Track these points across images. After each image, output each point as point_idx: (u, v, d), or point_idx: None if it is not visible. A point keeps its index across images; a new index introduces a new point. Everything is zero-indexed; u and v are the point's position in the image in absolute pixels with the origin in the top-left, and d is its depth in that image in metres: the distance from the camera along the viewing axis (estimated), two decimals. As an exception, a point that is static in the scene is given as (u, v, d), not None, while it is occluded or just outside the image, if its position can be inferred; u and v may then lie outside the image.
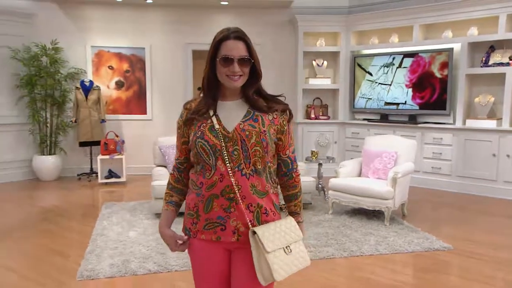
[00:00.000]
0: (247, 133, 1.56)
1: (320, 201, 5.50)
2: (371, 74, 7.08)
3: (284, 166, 1.70)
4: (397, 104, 6.80)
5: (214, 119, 1.58)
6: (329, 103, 7.60)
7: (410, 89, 6.63)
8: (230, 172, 1.54)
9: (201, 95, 1.66)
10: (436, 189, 6.28)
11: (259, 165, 1.58)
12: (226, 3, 7.01)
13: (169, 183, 1.75)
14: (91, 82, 6.83)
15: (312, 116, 7.41)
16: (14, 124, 6.80)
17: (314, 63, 7.43)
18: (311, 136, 7.14)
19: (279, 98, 1.69)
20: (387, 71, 6.87)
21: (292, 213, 1.74)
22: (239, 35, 1.56)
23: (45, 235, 4.34)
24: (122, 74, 7.28)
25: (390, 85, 6.85)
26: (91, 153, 7.01)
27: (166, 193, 1.74)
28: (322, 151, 5.74)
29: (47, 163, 6.86)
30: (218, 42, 1.56)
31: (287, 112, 1.67)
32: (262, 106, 1.62)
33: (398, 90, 6.76)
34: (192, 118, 1.61)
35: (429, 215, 5.08)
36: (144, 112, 7.36)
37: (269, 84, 7.40)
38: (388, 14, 6.72)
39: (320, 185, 5.70)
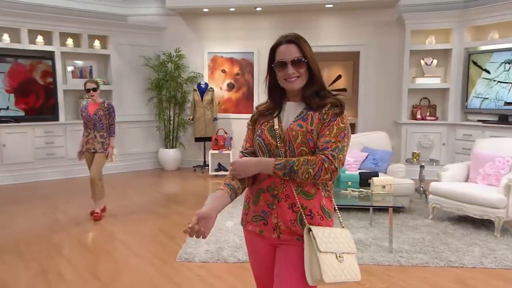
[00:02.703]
0: (294, 133, 1.49)
1: (420, 204, 4.95)
2: (488, 72, 6.14)
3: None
4: (520, 104, 5.78)
5: (275, 119, 1.55)
6: (438, 103, 6.81)
7: (537, 87, 5.58)
8: None
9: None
10: None
11: None
12: (331, 5, 6.76)
13: None
14: (206, 84, 7.22)
15: (418, 116, 6.71)
16: (145, 121, 7.55)
17: (422, 62, 6.73)
18: (415, 137, 6.48)
19: (337, 95, 1.54)
20: (509, 68, 5.88)
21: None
22: (290, 39, 1.52)
23: (160, 218, 4.70)
24: (233, 77, 7.54)
25: (512, 83, 5.86)
26: (204, 148, 7.43)
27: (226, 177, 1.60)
28: (425, 153, 5.15)
29: (169, 155, 7.47)
30: (272, 50, 1.55)
31: (338, 106, 1.49)
32: (313, 104, 1.51)
33: (521, 89, 5.75)
34: (259, 116, 1.63)
35: (554, 230, 4.20)
36: (252, 112, 7.48)
37: (371, 84, 6.90)
38: (512, 5, 5.75)
39: (421, 188, 5.13)
